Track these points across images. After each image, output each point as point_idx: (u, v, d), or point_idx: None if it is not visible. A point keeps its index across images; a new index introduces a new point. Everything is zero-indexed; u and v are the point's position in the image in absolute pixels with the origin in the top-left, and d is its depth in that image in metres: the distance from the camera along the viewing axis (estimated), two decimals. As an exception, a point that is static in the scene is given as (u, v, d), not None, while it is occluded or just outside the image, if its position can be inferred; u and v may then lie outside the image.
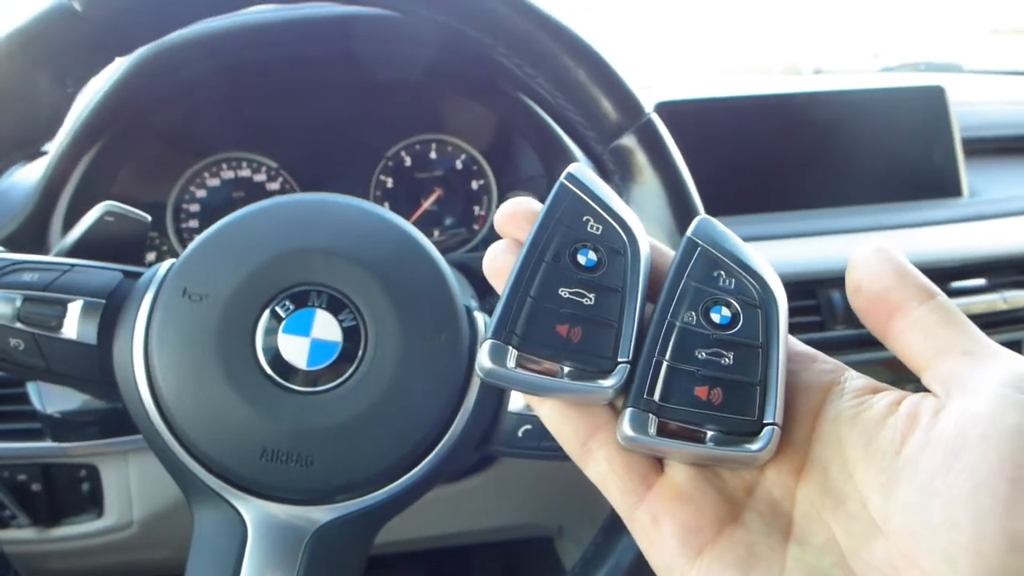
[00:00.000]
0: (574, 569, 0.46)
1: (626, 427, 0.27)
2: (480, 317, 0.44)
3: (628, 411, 0.27)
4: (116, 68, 0.64)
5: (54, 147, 0.67)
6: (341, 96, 0.77)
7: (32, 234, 0.68)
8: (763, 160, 0.91)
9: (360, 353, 0.39)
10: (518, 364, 0.28)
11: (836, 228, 0.85)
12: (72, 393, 0.65)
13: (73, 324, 0.40)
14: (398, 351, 0.39)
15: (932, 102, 0.93)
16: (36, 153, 0.76)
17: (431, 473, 0.41)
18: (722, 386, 0.27)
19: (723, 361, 0.27)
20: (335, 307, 0.40)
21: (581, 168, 0.31)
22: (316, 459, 0.38)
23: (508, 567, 1.22)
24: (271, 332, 0.39)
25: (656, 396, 0.27)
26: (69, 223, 0.67)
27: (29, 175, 0.72)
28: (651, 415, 0.27)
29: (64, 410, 0.65)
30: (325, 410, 0.39)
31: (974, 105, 1.03)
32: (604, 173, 0.51)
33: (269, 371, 0.39)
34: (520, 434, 0.43)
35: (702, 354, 0.28)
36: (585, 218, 0.29)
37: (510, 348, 0.28)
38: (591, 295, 0.28)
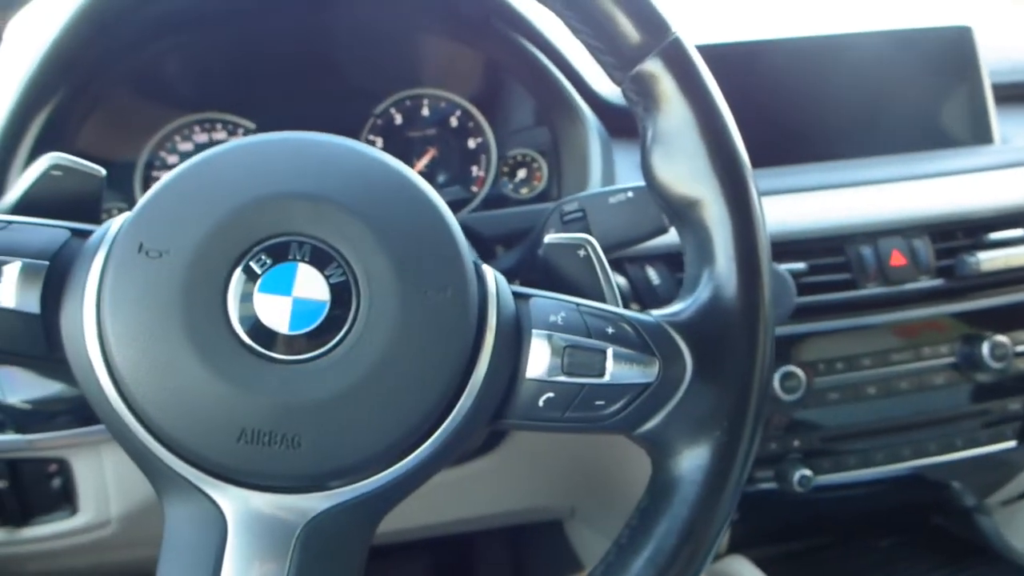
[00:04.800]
0: (619, 540, 0.41)
1: None
2: (489, 272, 0.38)
3: None
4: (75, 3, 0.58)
5: (6, 99, 0.61)
6: (324, 42, 0.71)
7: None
8: (783, 109, 0.86)
9: (351, 314, 0.35)
10: None
11: (863, 179, 0.80)
12: (35, 379, 0.60)
13: (10, 290, 0.35)
14: (396, 310, 0.35)
15: (959, 44, 0.88)
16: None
17: (439, 452, 0.37)
18: None
19: None
20: (320, 260, 0.35)
21: None
22: (304, 439, 0.34)
23: (515, 554, 1.19)
24: (245, 292, 0.34)
25: None
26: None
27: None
28: None
29: (28, 398, 0.60)
30: (312, 382, 0.34)
31: (1002, 51, 0.97)
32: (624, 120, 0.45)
33: (244, 337, 0.34)
34: (541, 404, 0.38)
35: None
36: None
37: None
38: None
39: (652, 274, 0.70)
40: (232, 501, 0.35)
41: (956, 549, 0.96)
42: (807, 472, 0.76)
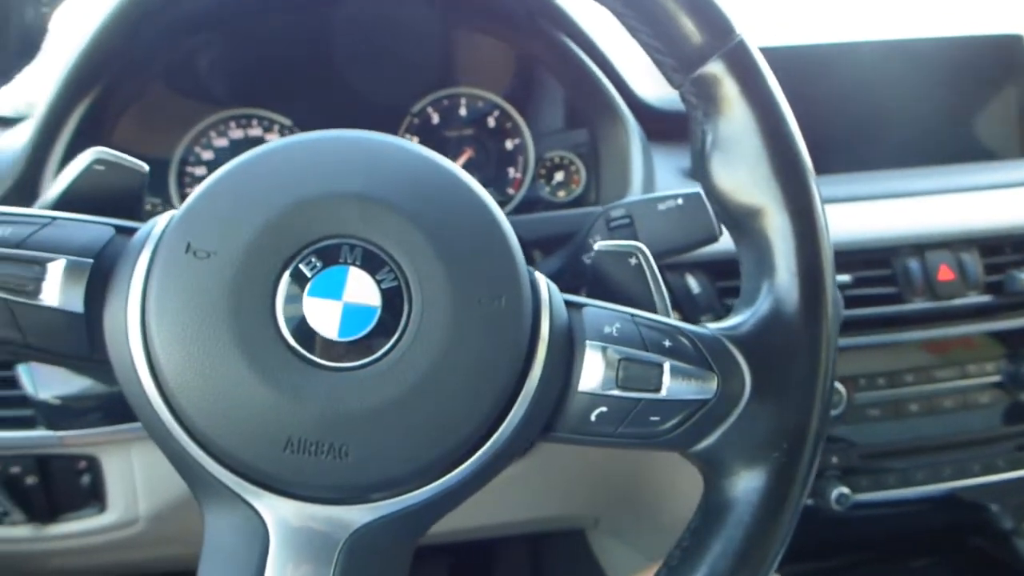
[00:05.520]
0: (669, 561, 0.39)
1: None
2: (543, 280, 0.37)
3: None
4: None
5: (45, 93, 0.61)
6: (362, 39, 0.71)
7: (21, 200, 0.61)
8: (827, 116, 0.84)
9: (403, 321, 0.33)
10: None
11: (910, 190, 0.78)
12: (68, 375, 0.60)
13: (55, 288, 0.34)
14: (448, 318, 0.33)
15: (1009, 53, 0.86)
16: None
17: (487, 465, 0.35)
18: None
19: None
20: (372, 264, 0.34)
21: None
22: (351, 450, 0.32)
23: (536, 562, 1.17)
24: (294, 295, 0.33)
25: None
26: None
27: (17, 139, 0.65)
28: None
29: (60, 394, 0.60)
30: (361, 390, 0.33)
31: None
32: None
33: (292, 343, 0.33)
34: (593, 418, 0.36)
35: None
36: None
37: None
38: None
39: (692, 283, 0.69)
40: (275, 511, 0.34)
41: (993, 572, 0.94)
42: (845, 490, 0.74)
